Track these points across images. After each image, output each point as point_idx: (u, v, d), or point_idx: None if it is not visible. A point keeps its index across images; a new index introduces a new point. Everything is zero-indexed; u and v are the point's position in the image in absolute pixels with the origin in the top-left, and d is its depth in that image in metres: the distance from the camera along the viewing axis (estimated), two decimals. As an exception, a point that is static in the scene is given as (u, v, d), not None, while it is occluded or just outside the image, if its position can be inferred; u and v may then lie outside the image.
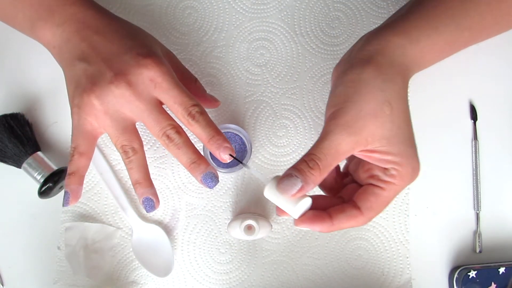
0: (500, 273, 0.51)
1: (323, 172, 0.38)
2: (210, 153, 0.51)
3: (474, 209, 0.53)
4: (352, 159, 0.44)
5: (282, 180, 0.38)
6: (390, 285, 0.53)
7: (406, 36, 0.42)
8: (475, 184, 0.53)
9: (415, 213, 0.53)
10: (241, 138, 0.51)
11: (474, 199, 0.53)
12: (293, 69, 0.55)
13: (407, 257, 0.53)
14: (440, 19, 0.43)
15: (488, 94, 0.55)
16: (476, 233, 0.53)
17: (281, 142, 0.54)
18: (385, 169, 0.40)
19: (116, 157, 0.54)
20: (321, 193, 0.45)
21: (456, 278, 0.51)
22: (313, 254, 0.53)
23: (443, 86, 0.55)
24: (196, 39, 0.56)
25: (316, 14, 0.56)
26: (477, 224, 0.53)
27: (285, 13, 0.56)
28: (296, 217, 0.39)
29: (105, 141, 0.54)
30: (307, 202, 0.39)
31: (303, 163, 0.38)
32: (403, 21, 0.43)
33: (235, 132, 0.51)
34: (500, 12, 0.45)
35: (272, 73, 0.55)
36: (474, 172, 0.54)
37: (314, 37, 0.56)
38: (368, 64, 0.40)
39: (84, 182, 0.53)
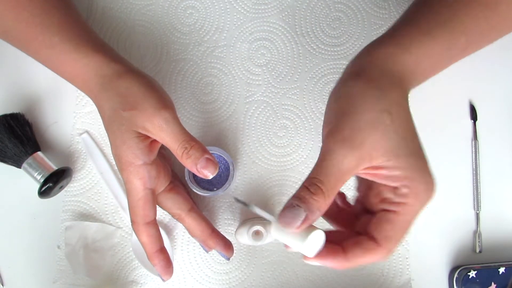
0: (500, 273, 0.51)
1: (328, 196, 0.34)
2: (194, 175, 0.51)
3: (474, 209, 0.53)
4: (360, 186, 0.40)
5: (284, 212, 0.34)
6: (389, 286, 0.53)
7: (397, 44, 0.39)
8: (475, 184, 0.53)
9: (415, 213, 0.53)
10: (225, 159, 0.51)
11: (474, 199, 0.53)
12: (293, 70, 0.55)
13: (407, 258, 0.53)
14: (431, 25, 0.40)
15: (488, 94, 0.55)
16: (476, 233, 0.53)
17: (282, 142, 0.54)
18: (396, 188, 0.35)
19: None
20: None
21: (456, 278, 0.51)
22: (314, 254, 0.53)
23: (443, 86, 0.55)
24: (197, 39, 0.56)
25: (317, 15, 0.56)
26: (477, 224, 0.53)
27: (286, 13, 0.56)
28: (311, 256, 0.35)
29: (105, 140, 0.54)
30: (318, 236, 0.35)
31: (304, 189, 0.34)
32: (393, 30, 0.41)
33: (219, 153, 0.51)
34: (495, 17, 0.42)
35: (273, 73, 0.55)
36: (474, 172, 0.54)
37: (315, 38, 0.56)
38: (359, 77, 0.37)
39: (84, 181, 0.54)
